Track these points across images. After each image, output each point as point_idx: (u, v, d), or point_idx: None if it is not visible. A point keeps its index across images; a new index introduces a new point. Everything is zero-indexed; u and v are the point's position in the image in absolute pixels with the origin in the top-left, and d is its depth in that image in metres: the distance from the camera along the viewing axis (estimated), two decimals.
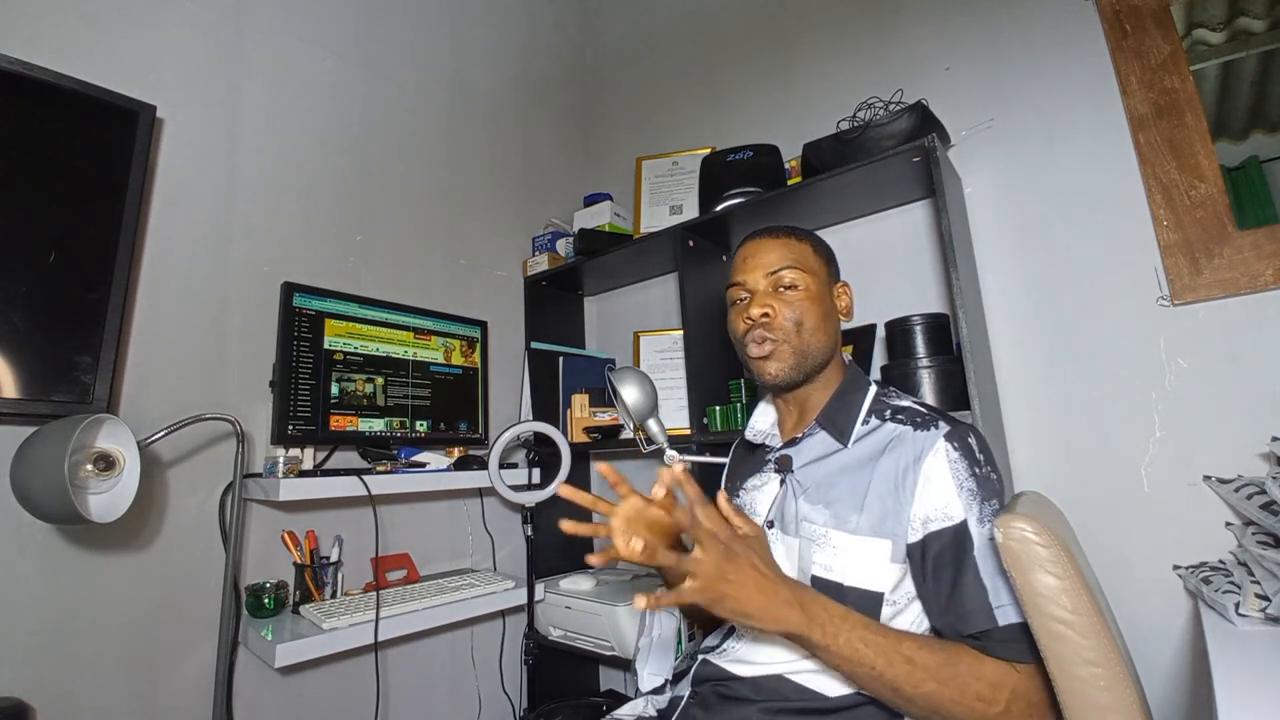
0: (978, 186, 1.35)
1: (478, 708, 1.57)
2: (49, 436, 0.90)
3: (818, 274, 0.92)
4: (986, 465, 0.78)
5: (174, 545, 1.14)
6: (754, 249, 0.94)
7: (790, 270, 0.90)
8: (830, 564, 0.79)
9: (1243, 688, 0.60)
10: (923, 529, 0.75)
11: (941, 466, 0.77)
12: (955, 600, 0.72)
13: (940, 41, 1.44)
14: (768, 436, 0.98)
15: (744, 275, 0.93)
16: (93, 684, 1.03)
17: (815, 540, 0.81)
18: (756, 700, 0.78)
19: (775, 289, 0.91)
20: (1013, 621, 0.69)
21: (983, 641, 0.70)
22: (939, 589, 0.74)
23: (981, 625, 0.70)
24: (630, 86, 2.16)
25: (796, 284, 0.90)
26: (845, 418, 0.88)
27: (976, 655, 0.70)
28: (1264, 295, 1.04)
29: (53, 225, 0.98)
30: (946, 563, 0.73)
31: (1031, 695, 0.68)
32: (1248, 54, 1.13)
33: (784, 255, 0.91)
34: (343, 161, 1.52)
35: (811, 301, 0.89)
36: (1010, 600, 0.70)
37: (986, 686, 0.67)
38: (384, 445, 1.39)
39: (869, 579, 0.77)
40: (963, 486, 0.75)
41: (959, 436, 0.79)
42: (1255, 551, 0.87)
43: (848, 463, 0.84)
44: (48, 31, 1.09)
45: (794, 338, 0.88)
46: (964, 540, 0.73)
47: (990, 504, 0.75)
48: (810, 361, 0.89)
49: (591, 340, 2.06)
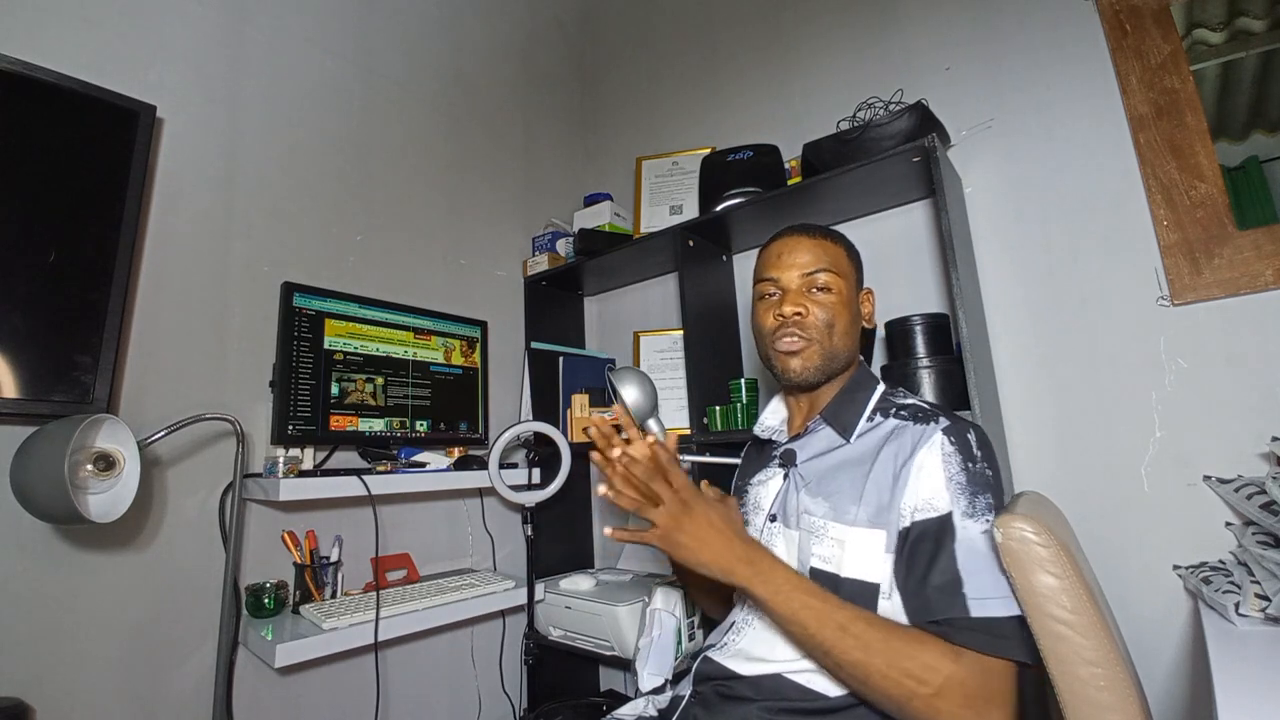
0: (978, 186, 1.34)
1: (478, 708, 1.57)
2: (49, 436, 0.90)
3: (849, 279, 0.93)
4: (982, 461, 0.78)
5: (174, 545, 1.14)
6: (789, 246, 0.94)
7: (825, 273, 0.91)
8: (828, 555, 0.80)
9: (1243, 688, 0.60)
10: (910, 518, 0.76)
11: (935, 458, 0.77)
12: (924, 586, 0.72)
13: (940, 41, 1.44)
14: (775, 432, 1.00)
15: (778, 272, 0.93)
16: (93, 684, 1.03)
17: (814, 532, 0.82)
18: (757, 699, 0.78)
19: (808, 289, 0.91)
20: (992, 615, 0.68)
21: (943, 627, 0.69)
22: (911, 574, 0.74)
23: (945, 613, 0.69)
24: (630, 86, 2.16)
25: (830, 286, 0.90)
26: (850, 414, 0.89)
27: (920, 638, 0.69)
28: (1264, 295, 1.04)
29: (53, 225, 0.98)
30: (924, 551, 0.74)
31: (971, 687, 0.66)
32: (1248, 54, 1.13)
33: (820, 257, 0.92)
34: (343, 161, 1.52)
35: (843, 305, 0.91)
36: (995, 595, 0.69)
37: (919, 666, 0.67)
38: (384, 445, 1.39)
39: (865, 570, 0.77)
40: (953, 479, 0.76)
41: (957, 431, 0.79)
42: (1255, 551, 0.87)
43: (849, 457, 0.85)
44: (48, 31, 1.09)
45: (825, 339, 0.89)
46: (946, 531, 0.73)
47: (982, 498, 0.75)
48: (835, 365, 0.91)
49: (591, 340, 2.06)
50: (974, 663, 0.67)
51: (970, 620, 0.68)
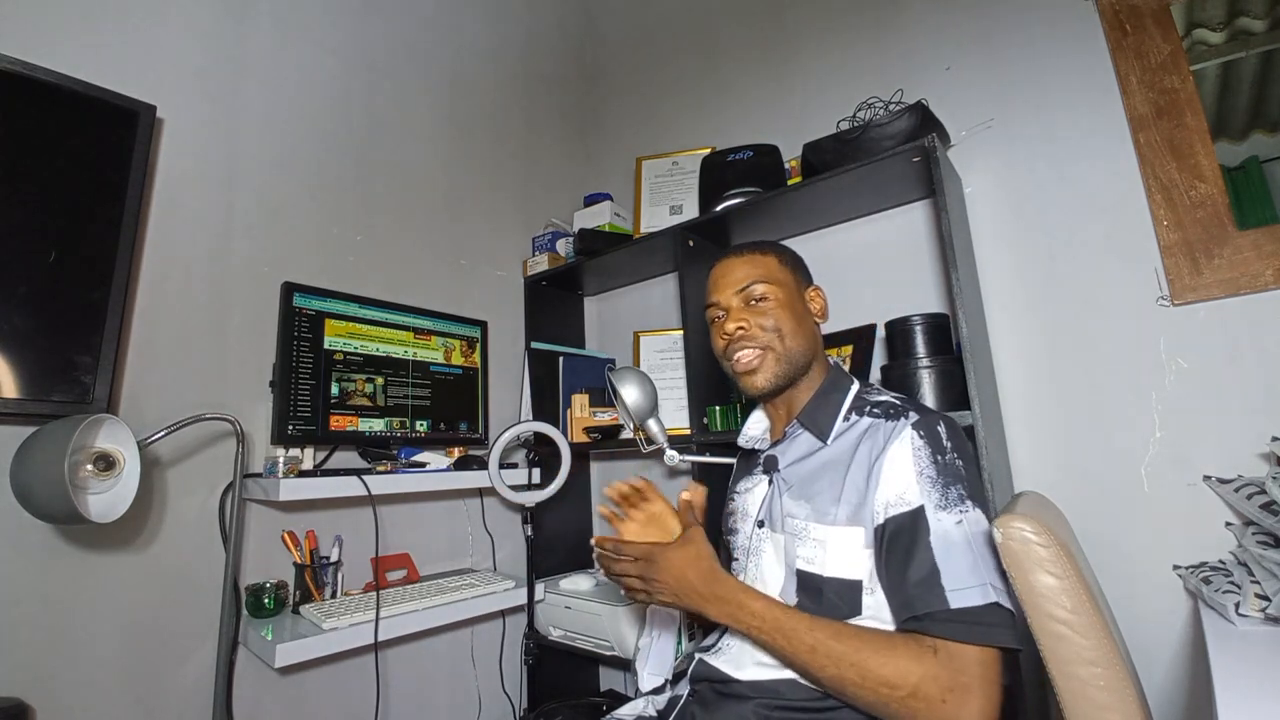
0: (978, 186, 1.34)
1: (478, 708, 1.57)
2: (49, 436, 0.90)
3: (785, 283, 0.97)
4: (953, 452, 0.78)
5: (174, 545, 1.14)
6: (722, 270, 0.99)
7: (758, 284, 0.95)
8: (812, 557, 0.81)
9: (1243, 688, 0.60)
10: (884, 513, 0.77)
11: (905, 453, 0.78)
12: (902, 582, 0.73)
13: (940, 41, 1.44)
14: (759, 441, 1.02)
15: (717, 295, 0.98)
16: (93, 684, 1.03)
17: (798, 535, 0.84)
18: (753, 698, 0.79)
19: (746, 303, 0.95)
20: (970, 604, 0.68)
21: (923, 623, 0.70)
22: (891, 572, 0.75)
23: (925, 607, 0.70)
24: (630, 86, 2.16)
25: (766, 295, 0.94)
26: (826, 416, 0.91)
27: (890, 643, 0.71)
28: (1264, 295, 1.04)
29: (53, 225, 0.98)
30: (899, 547, 0.75)
31: (944, 680, 0.67)
32: (1248, 54, 1.13)
33: (750, 271, 0.96)
34: (343, 161, 1.52)
35: (783, 308, 0.94)
36: (972, 584, 0.69)
37: (891, 672, 0.68)
38: (384, 445, 1.39)
39: (847, 568, 0.79)
40: (923, 473, 0.76)
41: (927, 425, 0.80)
42: (1255, 551, 0.87)
43: (828, 459, 0.87)
44: (48, 31, 1.09)
45: (777, 344, 0.92)
46: (919, 525, 0.74)
47: (954, 489, 0.75)
48: (793, 366, 0.93)
49: (591, 340, 2.06)
50: (949, 654, 0.68)
51: (949, 612, 0.69)
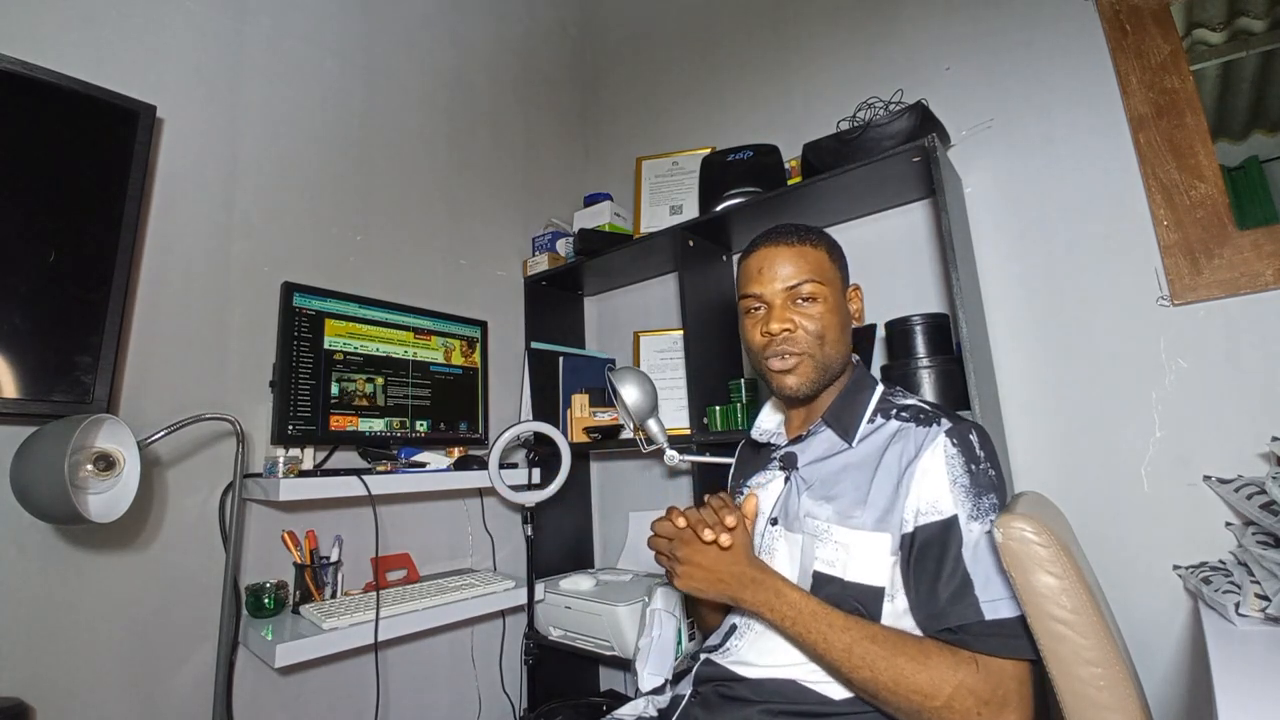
0: (978, 186, 1.34)
1: (478, 708, 1.57)
2: (49, 436, 0.89)
3: (833, 282, 0.90)
4: (985, 462, 0.78)
5: (174, 545, 1.14)
6: (769, 258, 0.90)
7: (809, 283, 0.87)
8: (833, 559, 0.79)
9: (1243, 688, 0.60)
10: (914, 521, 0.76)
11: (938, 461, 0.77)
12: (933, 594, 0.72)
13: (940, 41, 1.44)
14: (773, 435, 0.99)
15: (760, 287, 0.89)
16: (93, 684, 1.03)
17: (818, 536, 0.81)
18: (757, 701, 0.78)
19: (793, 301, 0.88)
20: (1003, 616, 0.69)
21: (959, 635, 0.69)
22: (919, 582, 0.74)
23: (959, 620, 0.70)
24: (630, 86, 2.16)
25: (815, 296, 0.87)
26: (851, 416, 0.88)
27: (925, 651, 0.70)
28: (1264, 295, 1.04)
29: (53, 225, 0.98)
30: (930, 556, 0.73)
31: (983, 692, 0.67)
32: (1248, 54, 1.13)
33: (801, 267, 0.88)
34: (343, 161, 1.52)
35: (831, 313, 0.88)
36: (1004, 595, 0.69)
37: (925, 681, 0.68)
38: (384, 445, 1.39)
39: (870, 574, 0.77)
40: (956, 482, 0.75)
41: (959, 433, 0.79)
42: (1255, 551, 0.87)
43: (852, 460, 0.85)
44: (48, 31, 1.09)
45: (817, 351, 0.87)
46: (951, 535, 0.73)
47: (987, 499, 0.75)
48: (830, 374, 0.89)
49: (591, 340, 2.06)
50: (986, 667, 0.67)
51: (985, 625, 0.69)
